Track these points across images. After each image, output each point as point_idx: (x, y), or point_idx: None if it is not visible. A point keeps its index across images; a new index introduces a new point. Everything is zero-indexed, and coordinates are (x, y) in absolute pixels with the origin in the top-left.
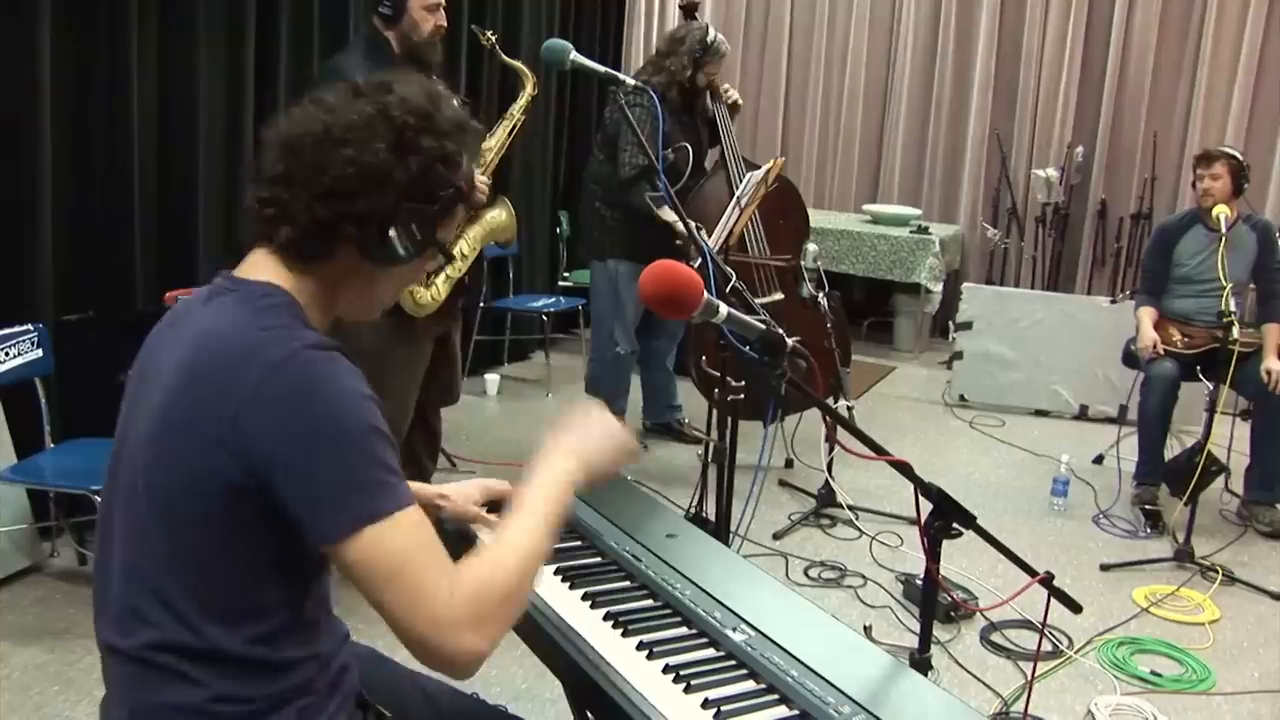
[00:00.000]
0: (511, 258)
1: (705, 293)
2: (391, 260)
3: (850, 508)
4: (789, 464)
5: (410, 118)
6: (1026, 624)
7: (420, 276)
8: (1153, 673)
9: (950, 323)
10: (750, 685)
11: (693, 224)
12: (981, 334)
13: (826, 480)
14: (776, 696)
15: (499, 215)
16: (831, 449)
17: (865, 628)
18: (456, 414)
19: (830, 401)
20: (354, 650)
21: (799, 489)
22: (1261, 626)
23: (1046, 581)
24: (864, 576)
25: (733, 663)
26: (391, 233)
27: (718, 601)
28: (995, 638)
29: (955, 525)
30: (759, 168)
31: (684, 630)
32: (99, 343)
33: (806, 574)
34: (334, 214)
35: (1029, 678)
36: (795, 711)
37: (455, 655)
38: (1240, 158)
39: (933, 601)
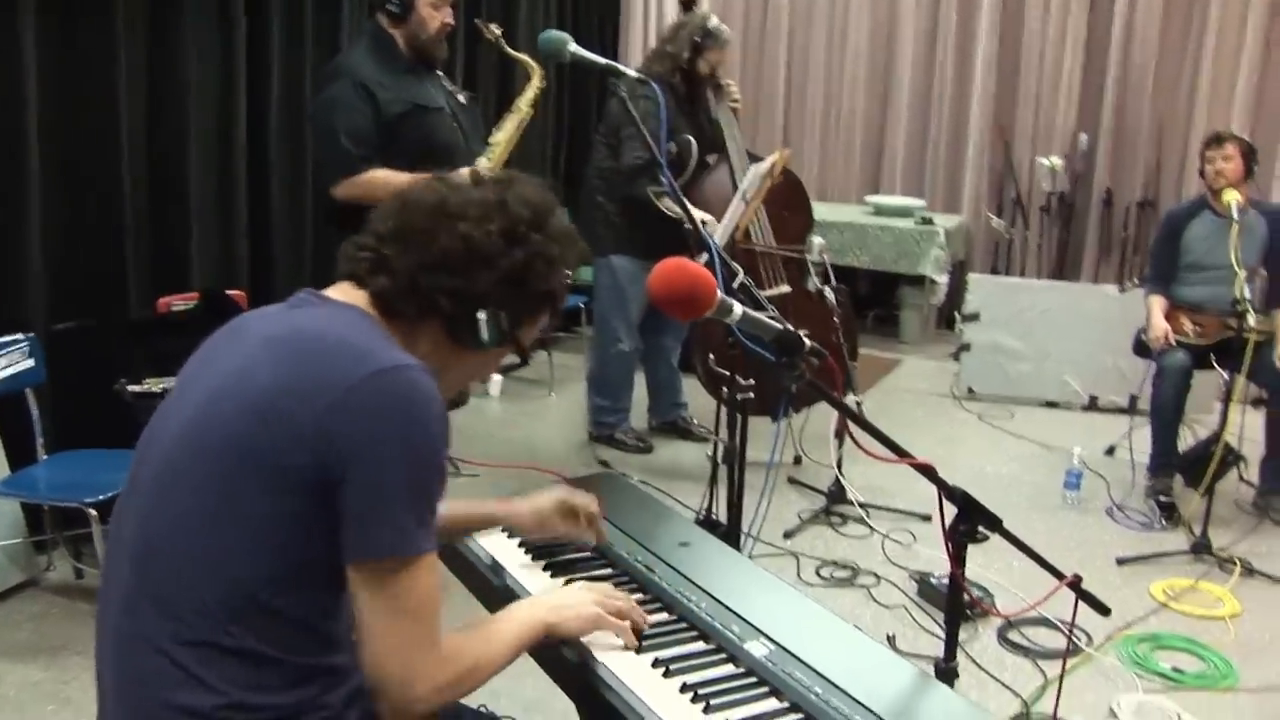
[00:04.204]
0: None
1: (719, 291)
2: (474, 343)
3: (861, 505)
4: (798, 461)
5: (525, 212)
6: (1044, 621)
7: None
8: (1174, 669)
9: (956, 314)
10: (773, 704)
11: (698, 217)
12: (989, 325)
13: (836, 477)
14: (801, 716)
15: None
16: (840, 445)
17: (889, 637)
18: (459, 415)
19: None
20: None
21: (808, 486)
22: None
23: (1075, 585)
24: (877, 575)
25: (753, 680)
26: (481, 315)
27: (735, 614)
28: (1013, 636)
29: (980, 529)
30: (762, 160)
31: (701, 645)
32: (91, 352)
33: (818, 574)
34: (434, 285)
35: (1058, 680)
36: None
37: (412, 706)
38: (1249, 141)
39: (959, 609)
